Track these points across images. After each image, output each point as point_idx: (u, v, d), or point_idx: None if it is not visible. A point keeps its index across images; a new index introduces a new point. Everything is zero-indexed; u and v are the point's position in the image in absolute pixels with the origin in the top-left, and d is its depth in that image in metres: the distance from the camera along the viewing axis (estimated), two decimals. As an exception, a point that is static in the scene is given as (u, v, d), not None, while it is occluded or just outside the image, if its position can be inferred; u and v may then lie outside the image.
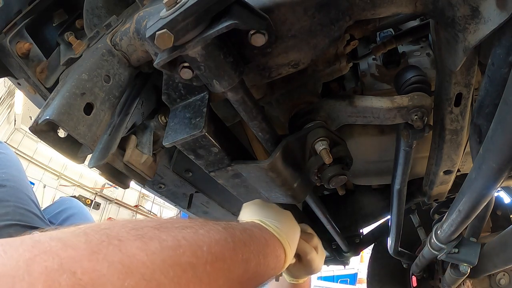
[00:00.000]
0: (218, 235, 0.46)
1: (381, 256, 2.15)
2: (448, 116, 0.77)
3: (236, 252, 0.48)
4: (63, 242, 0.30)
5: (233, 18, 0.44)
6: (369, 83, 1.01)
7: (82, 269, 0.27)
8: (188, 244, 0.39)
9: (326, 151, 0.67)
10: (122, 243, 0.32)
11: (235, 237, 0.50)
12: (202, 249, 0.41)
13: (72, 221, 1.52)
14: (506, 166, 0.52)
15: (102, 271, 0.28)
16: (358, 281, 10.35)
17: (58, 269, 0.26)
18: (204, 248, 0.41)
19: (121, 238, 0.33)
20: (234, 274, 0.46)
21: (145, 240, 0.35)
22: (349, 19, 0.57)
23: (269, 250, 0.61)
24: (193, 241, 0.41)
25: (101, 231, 0.34)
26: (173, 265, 0.35)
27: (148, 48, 0.62)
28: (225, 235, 0.48)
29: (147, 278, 0.31)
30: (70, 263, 0.27)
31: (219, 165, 0.71)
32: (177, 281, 0.34)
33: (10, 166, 1.24)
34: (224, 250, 0.45)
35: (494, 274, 1.63)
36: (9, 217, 1.08)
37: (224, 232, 0.49)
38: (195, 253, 0.39)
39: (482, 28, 0.47)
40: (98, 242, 0.31)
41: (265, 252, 0.58)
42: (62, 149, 0.58)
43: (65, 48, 0.83)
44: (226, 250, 0.46)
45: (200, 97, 0.66)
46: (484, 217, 1.31)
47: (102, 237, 0.32)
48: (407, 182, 1.05)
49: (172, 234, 0.39)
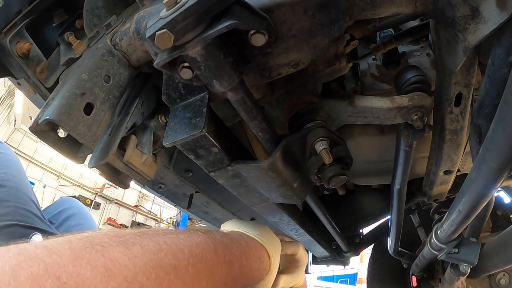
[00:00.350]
0: (198, 239, 0.48)
1: (381, 256, 2.15)
2: (448, 116, 0.77)
3: (218, 254, 0.49)
4: (48, 249, 0.31)
5: (233, 18, 0.44)
6: (369, 83, 1.01)
7: (67, 274, 0.28)
8: (169, 248, 0.40)
9: (326, 151, 0.67)
10: (104, 249, 0.34)
11: (215, 240, 0.51)
12: (183, 251, 0.42)
13: (72, 221, 1.52)
14: (506, 166, 0.52)
15: (86, 275, 0.29)
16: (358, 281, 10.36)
17: (43, 275, 0.27)
18: (185, 250, 0.42)
19: (103, 244, 0.34)
20: (217, 275, 0.47)
21: (127, 245, 0.36)
22: (349, 19, 0.57)
23: (251, 252, 0.61)
24: (174, 244, 0.42)
25: (84, 238, 0.35)
26: (155, 267, 0.36)
27: (148, 48, 0.62)
28: (206, 239, 0.49)
29: (130, 280, 0.32)
30: (55, 268, 0.28)
31: (219, 165, 0.71)
32: (159, 282, 0.35)
33: (10, 166, 1.24)
34: (205, 252, 0.46)
35: (494, 274, 1.63)
36: (9, 217, 1.08)
37: (204, 236, 0.50)
38: (176, 255, 0.40)
39: (482, 28, 0.48)
40: (82, 248, 0.33)
41: (247, 254, 0.59)
42: (62, 149, 0.58)
43: (65, 48, 0.83)
44: (208, 252, 0.46)
45: (200, 97, 0.66)
46: (484, 217, 1.31)
47: (86, 244, 0.34)
48: (407, 182, 1.05)
49: (153, 240, 0.40)
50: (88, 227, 1.57)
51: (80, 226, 1.53)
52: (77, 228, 1.51)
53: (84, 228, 1.53)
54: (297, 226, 1.17)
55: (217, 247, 0.50)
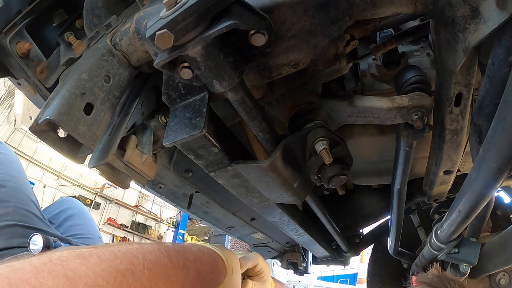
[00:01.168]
0: (151, 247, 0.51)
1: (381, 256, 2.15)
2: (448, 116, 0.77)
3: (171, 259, 0.51)
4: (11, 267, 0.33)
5: (233, 18, 0.44)
6: (369, 83, 1.01)
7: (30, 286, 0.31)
8: (124, 255, 0.43)
9: (326, 151, 0.67)
10: (63, 262, 0.36)
11: (167, 248, 0.54)
12: (138, 257, 0.44)
13: (72, 221, 1.52)
14: (506, 166, 0.52)
15: (48, 285, 0.32)
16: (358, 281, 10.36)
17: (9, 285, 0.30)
18: (139, 256, 0.45)
19: (62, 258, 0.37)
20: (173, 278, 0.50)
21: (84, 256, 0.39)
22: (349, 19, 0.57)
23: (204, 256, 0.64)
24: (128, 252, 0.45)
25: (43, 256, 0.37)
26: (113, 272, 0.38)
27: (148, 48, 0.62)
28: (158, 246, 0.53)
29: (90, 284, 0.34)
30: (18, 282, 0.31)
31: (219, 165, 0.71)
32: (118, 285, 0.38)
33: (9, 166, 1.24)
34: (159, 258, 0.49)
35: (494, 274, 1.63)
36: (9, 218, 1.08)
37: (156, 245, 0.53)
38: (132, 261, 0.43)
39: (482, 28, 0.48)
40: (42, 264, 0.35)
41: (201, 258, 0.61)
42: (62, 149, 0.58)
43: (65, 48, 0.83)
44: (161, 258, 0.49)
45: (200, 97, 0.66)
46: (484, 217, 1.31)
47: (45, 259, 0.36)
48: (407, 182, 1.05)
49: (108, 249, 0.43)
50: (88, 227, 1.57)
51: (80, 226, 1.52)
52: (77, 228, 1.50)
53: (84, 227, 1.53)
54: (297, 226, 1.17)
55: (170, 253, 0.52)
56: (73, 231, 1.47)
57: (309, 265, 2.16)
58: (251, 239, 1.78)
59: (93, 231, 1.59)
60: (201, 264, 0.61)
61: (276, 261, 2.22)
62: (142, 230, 13.76)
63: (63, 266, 0.36)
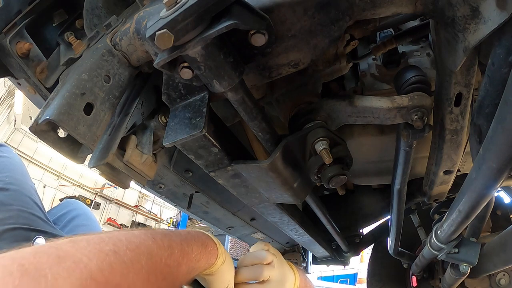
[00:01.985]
0: (137, 232, 0.58)
1: (381, 256, 2.15)
2: (448, 116, 0.77)
3: (156, 240, 0.57)
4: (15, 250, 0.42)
5: (233, 18, 0.44)
6: (369, 83, 1.01)
7: (28, 261, 0.40)
8: (110, 239, 0.51)
9: (326, 151, 0.67)
10: (58, 245, 0.46)
11: (154, 232, 0.61)
12: (122, 240, 0.52)
13: (77, 222, 1.53)
14: (506, 166, 0.52)
15: (43, 261, 0.41)
16: (358, 281, 10.35)
17: (11, 264, 0.39)
18: (124, 239, 0.52)
19: (57, 243, 0.47)
20: (156, 257, 0.55)
21: (75, 241, 0.48)
22: (349, 19, 0.57)
23: (192, 239, 0.68)
24: (114, 236, 0.53)
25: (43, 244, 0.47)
26: (97, 253, 0.46)
27: (148, 48, 0.62)
28: (145, 231, 0.59)
29: (76, 261, 0.43)
30: (19, 259, 0.40)
31: (219, 165, 0.71)
32: (100, 262, 0.46)
33: (13, 169, 1.24)
34: (143, 240, 0.55)
35: (494, 274, 1.63)
36: (13, 221, 1.09)
37: (143, 230, 0.60)
38: (116, 243, 0.50)
39: (482, 28, 0.47)
40: (40, 247, 0.44)
41: (188, 241, 0.66)
42: (62, 149, 0.58)
43: (65, 48, 0.83)
44: (146, 240, 0.56)
45: (200, 97, 0.66)
46: (484, 217, 1.31)
47: (44, 245, 0.46)
48: (407, 182, 1.05)
49: (98, 235, 0.52)
50: (93, 228, 1.58)
51: (84, 227, 1.53)
52: (82, 229, 1.51)
53: (89, 229, 1.54)
54: (297, 226, 1.17)
55: (155, 236, 0.59)
56: (77, 232, 1.47)
57: (309, 265, 2.16)
58: (251, 239, 1.78)
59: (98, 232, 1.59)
60: (187, 245, 0.65)
61: (276, 261, 2.22)
62: (142, 230, 13.74)
63: (57, 248, 0.44)
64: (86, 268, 0.43)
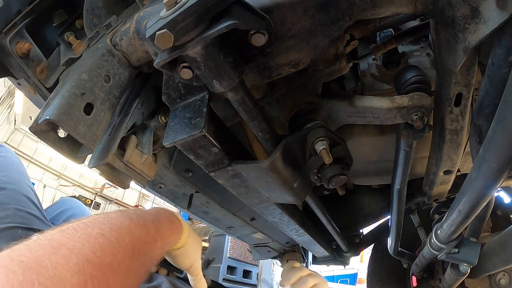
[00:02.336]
0: (114, 214, 0.63)
1: (381, 256, 2.15)
2: (448, 116, 0.77)
3: (133, 220, 0.64)
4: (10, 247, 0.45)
5: (233, 18, 0.44)
6: (369, 83, 1.01)
7: (26, 257, 0.43)
8: (94, 223, 0.57)
9: (326, 151, 0.67)
10: (48, 236, 0.49)
11: (129, 213, 0.67)
12: (105, 223, 0.57)
13: None
14: (506, 166, 0.52)
15: (39, 253, 0.44)
16: (358, 281, 10.34)
17: (11, 262, 0.41)
18: (106, 222, 0.58)
19: (47, 234, 0.50)
20: (136, 234, 0.62)
21: (63, 230, 0.52)
22: (349, 19, 0.57)
23: (161, 217, 0.77)
24: (95, 220, 0.58)
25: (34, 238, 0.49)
26: (87, 237, 0.51)
27: (148, 48, 0.62)
28: (120, 213, 0.65)
29: (70, 248, 0.47)
30: (17, 256, 0.42)
31: (219, 165, 0.71)
32: (92, 245, 0.50)
33: (10, 169, 1.24)
34: (122, 221, 0.61)
35: (494, 274, 1.63)
36: (9, 220, 1.09)
37: (119, 212, 0.66)
38: (100, 226, 0.56)
39: (482, 28, 0.47)
40: (33, 241, 0.47)
41: (158, 219, 0.74)
42: (62, 149, 0.58)
43: (65, 48, 0.83)
44: (124, 221, 0.62)
45: (200, 97, 0.66)
46: (484, 217, 1.31)
47: (35, 239, 0.48)
48: (407, 182, 1.05)
49: (80, 222, 0.56)
50: None
51: None
52: None
53: None
54: (297, 226, 1.17)
55: (131, 216, 0.65)
56: None
57: (309, 265, 2.16)
58: (251, 239, 1.78)
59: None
60: (159, 223, 0.73)
61: (276, 261, 2.22)
62: (142, 230, 13.75)
63: (49, 240, 0.48)
64: (81, 252, 0.48)
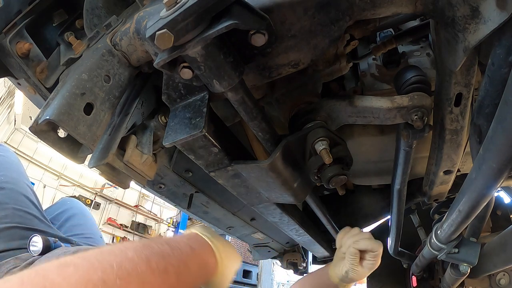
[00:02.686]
0: (131, 253, 0.54)
1: (381, 256, 2.14)
2: (448, 116, 0.77)
3: (151, 265, 0.55)
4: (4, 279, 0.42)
5: (233, 18, 0.44)
6: (369, 83, 1.01)
7: None
8: (100, 264, 0.49)
9: (326, 151, 0.67)
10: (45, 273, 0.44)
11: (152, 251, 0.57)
12: (113, 266, 0.49)
13: (73, 222, 1.53)
14: (506, 166, 0.52)
15: None
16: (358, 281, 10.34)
17: None
18: (115, 265, 0.50)
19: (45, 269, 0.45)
20: (148, 285, 0.53)
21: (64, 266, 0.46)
22: (349, 19, 0.57)
23: (192, 257, 0.66)
24: (105, 261, 0.50)
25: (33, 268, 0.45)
26: (85, 282, 0.45)
27: (148, 48, 0.62)
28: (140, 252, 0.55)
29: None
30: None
31: (219, 165, 0.71)
32: None
33: (9, 168, 1.24)
34: (136, 265, 0.52)
35: (494, 274, 1.63)
36: (8, 220, 1.09)
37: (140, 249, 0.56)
38: (106, 270, 0.48)
39: (482, 28, 0.47)
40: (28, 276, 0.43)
41: (187, 261, 0.64)
42: (62, 149, 0.58)
43: (65, 48, 0.83)
44: (139, 265, 0.53)
45: (200, 97, 0.66)
46: (484, 217, 1.31)
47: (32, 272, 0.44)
48: (407, 182, 1.05)
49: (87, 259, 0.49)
50: (89, 226, 1.58)
51: (81, 226, 1.53)
52: (78, 228, 1.51)
53: (85, 227, 1.54)
54: (297, 226, 1.17)
55: (150, 258, 0.55)
56: (74, 231, 1.47)
57: (309, 265, 2.16)
58: (251, 239, 1.78)
59: (94, 231, 1.59)
60: (185, 266, 0.63)
61: (276, 261, 2.22)
62: (142, 230, 13.75)
63: (44, 277, 0.43)
64: None
